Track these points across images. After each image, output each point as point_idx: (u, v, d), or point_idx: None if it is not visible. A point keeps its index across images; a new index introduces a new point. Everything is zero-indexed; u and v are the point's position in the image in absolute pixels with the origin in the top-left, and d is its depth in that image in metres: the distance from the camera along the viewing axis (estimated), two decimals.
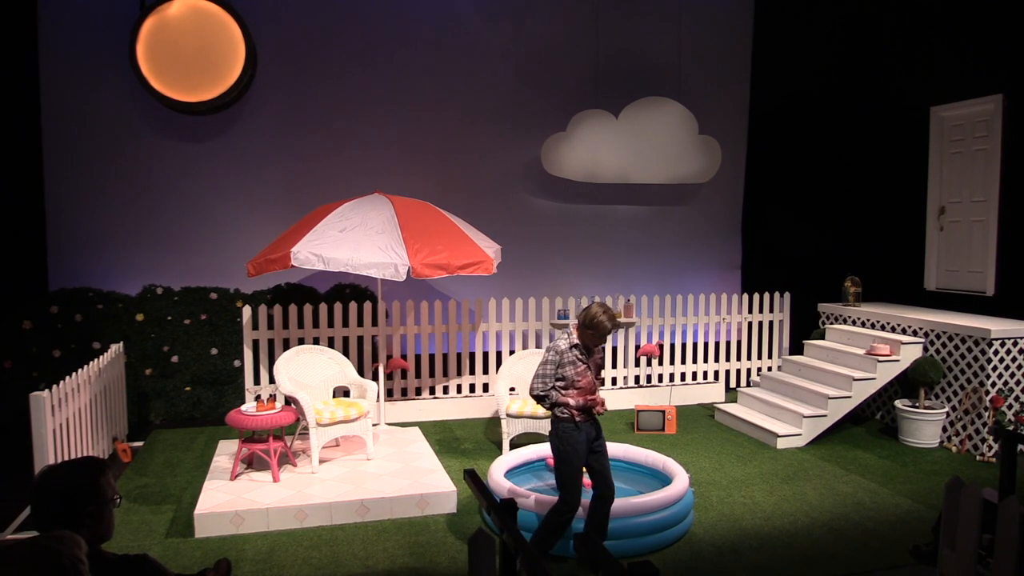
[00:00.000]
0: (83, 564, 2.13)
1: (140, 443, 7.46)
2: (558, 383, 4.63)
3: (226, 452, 6.66)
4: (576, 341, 4.68)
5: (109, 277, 8.46)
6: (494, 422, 8.19)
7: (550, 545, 4.67)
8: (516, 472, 6.06)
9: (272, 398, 6.25)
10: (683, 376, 9.53)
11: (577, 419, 4.59)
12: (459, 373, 8.82)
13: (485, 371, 8.85)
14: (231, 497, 5.56)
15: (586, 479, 5.14)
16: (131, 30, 8.19)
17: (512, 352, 8.53)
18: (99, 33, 8.37)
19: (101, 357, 6.81)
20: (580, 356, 4.66)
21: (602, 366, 4.96)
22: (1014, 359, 7.28)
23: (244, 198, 8.95)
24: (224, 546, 5.07)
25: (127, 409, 7.82)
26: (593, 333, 4.60)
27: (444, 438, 7.76)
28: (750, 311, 9.72)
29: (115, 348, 7.46)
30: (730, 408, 8.44)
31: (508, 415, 7.02)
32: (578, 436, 4.58)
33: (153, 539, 5.19)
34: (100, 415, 6.64)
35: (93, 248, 8.54)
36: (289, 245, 6.71)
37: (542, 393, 4.64)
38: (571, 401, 4.58)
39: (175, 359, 8.36)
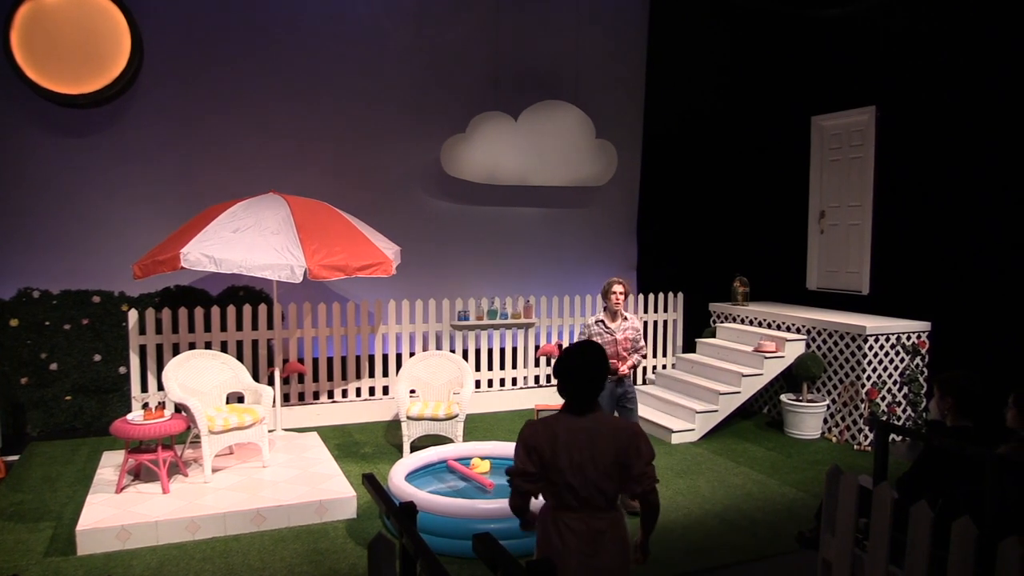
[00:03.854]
0: None
1: (15, 457, 7.02)
2: None
3: (111, 464, 6.36)
4: (600, 317, 6.12)
5: None
6: (394, 425, 8.12)
7: None
8: (417, 475, 6.02)
9: (161, 406, 6.01)
10: None
11: None
12: (358, 376, 8.70)
13: (385, 374, 8.76)
14: (117, 511, 5.30)
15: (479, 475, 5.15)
16: (4, 16, 7.68)
17: (412, 354, 8.46)
18: None
19: None
20: (605, 328, 6.02)
21: (635, 339, 6.12)
22: (887, 354, 7.77)
23: (130, 196, 8.51)
24: (109, 563, 4.84)
25: (0, 421, 7.35)
26: (604, 298, 6.01)
27: (343, 442, 7.64)
28: (646, 311, 9.99)
29: None
30: None
31: (408, 418, 6.98)
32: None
33: (31, 559, 4.89)
34: None
35: None
36: (179, 246, 6.44)
37: None
38: None
39: (54, 367, 7.90)
